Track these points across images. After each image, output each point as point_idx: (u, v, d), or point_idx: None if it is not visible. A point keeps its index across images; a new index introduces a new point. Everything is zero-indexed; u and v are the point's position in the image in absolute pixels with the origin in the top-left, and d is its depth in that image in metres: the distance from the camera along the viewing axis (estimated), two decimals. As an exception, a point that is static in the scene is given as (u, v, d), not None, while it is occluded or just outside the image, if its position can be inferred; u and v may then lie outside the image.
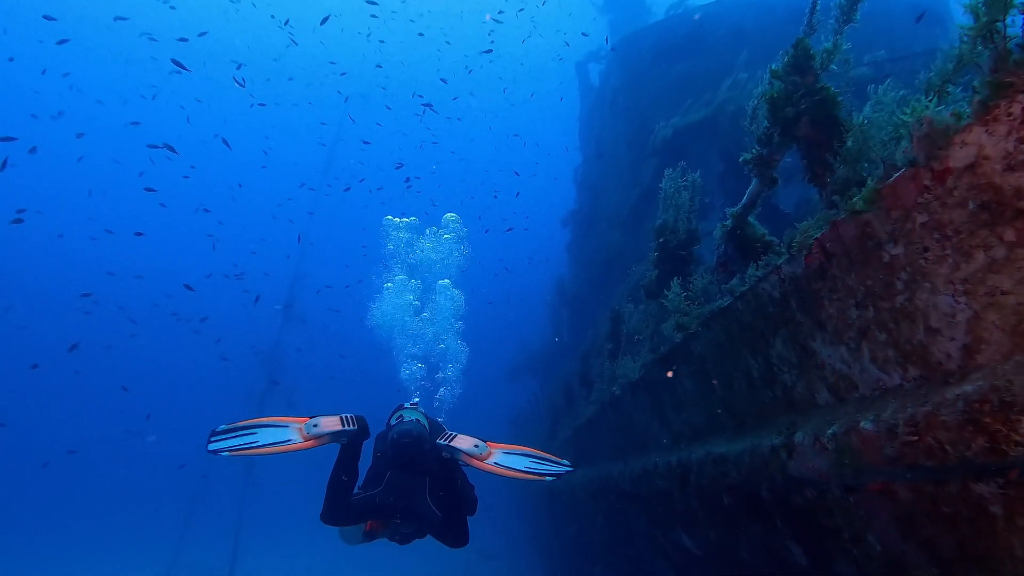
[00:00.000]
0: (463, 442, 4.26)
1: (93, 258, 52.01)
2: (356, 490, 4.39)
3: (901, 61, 11.04)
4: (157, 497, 38.69)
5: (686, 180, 6.29)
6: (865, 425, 2.69)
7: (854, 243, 2.73)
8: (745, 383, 3.99)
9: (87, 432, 49.92)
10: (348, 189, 31.96)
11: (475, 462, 4.22)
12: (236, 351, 46.14)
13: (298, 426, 4.06)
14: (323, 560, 25.91)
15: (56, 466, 45.06)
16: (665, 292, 5.00)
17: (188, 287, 23.48)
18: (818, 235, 2.95)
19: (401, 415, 4.88)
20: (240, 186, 39.76)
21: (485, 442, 4.31)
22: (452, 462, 4.55)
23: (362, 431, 4.24)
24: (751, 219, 4.09)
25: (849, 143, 3.00)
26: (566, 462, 4.26)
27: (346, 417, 4.17)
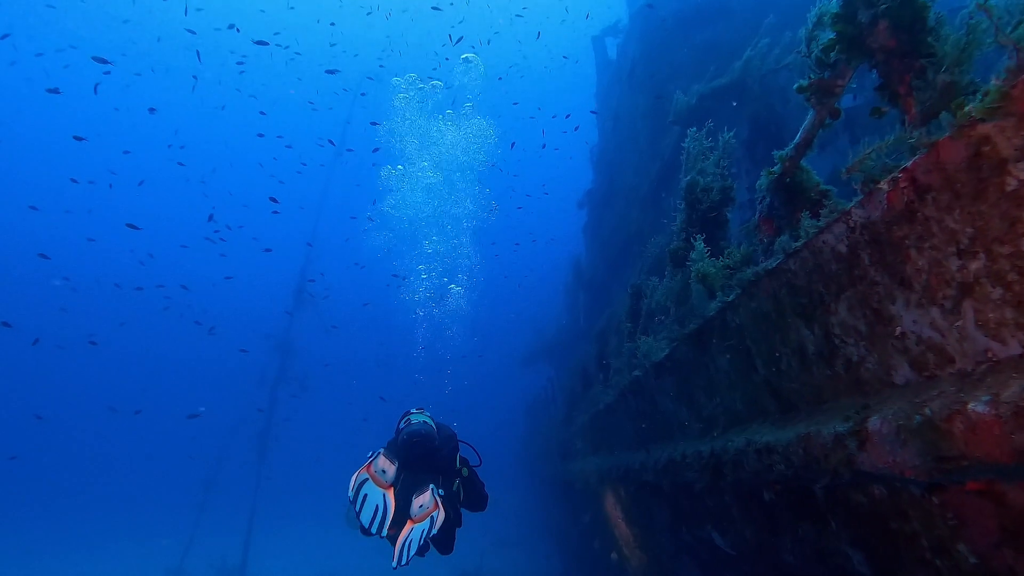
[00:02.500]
0: (414, 504, 4.56)
1: (74, 233, 51.89)
2: None
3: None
4: (171, 483, 38.85)
5: (715, 141, 5.61)
6: (976, 407, 2.05)
7: (962, 169, 2.07)
8: (796, 360, 3.35)
9: (83, 418, 50.17)
10: (331, 142, 30.62)
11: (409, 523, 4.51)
12: (234, 329, 46.00)
13: (372, 477, 4.60)
14: (337, 546, 25.72)
15: (59, 456, 45.36)
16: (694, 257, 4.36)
17: (132, 226, 22.99)
18: (906, 164, 2.29)
19: (409, 419, 5.21)
20: (261, 134, 38.69)
21: (437, 506, 4.54)
22: (462, 460, 5.22)
23: (403, 461, 4.83)
24: (804, 164, 3.42)
25: (947, 47, 2.33)
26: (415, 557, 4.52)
27: (386, 455, 4.72)
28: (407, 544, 4.42)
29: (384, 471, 4.62)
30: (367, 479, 4.58)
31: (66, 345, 43.79)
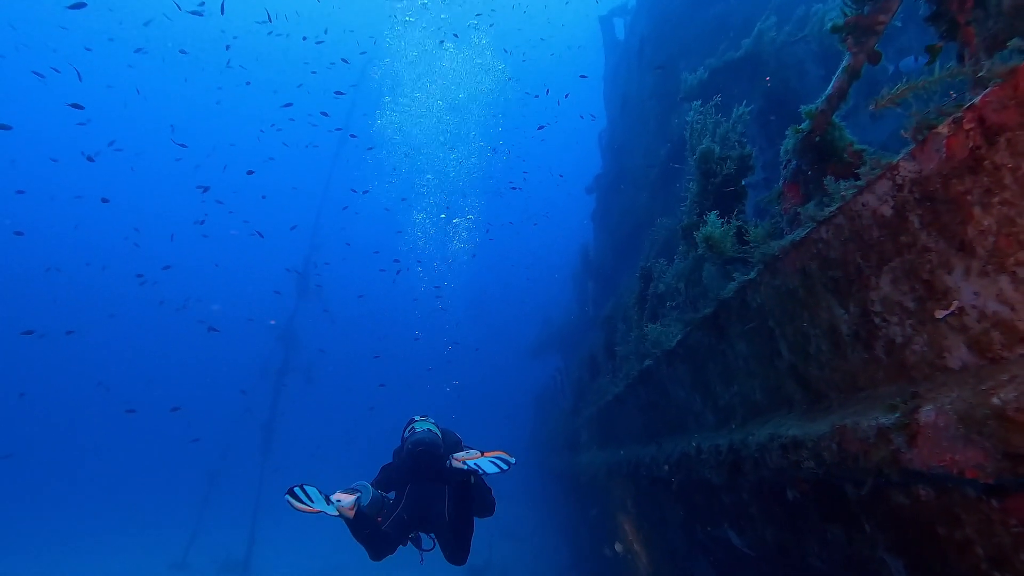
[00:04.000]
0: (458, 456, 4.73)
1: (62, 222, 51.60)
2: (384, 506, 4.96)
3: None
4: (174, 478, 38.87)
5: (726, 116, 5.17)
6: (1067, 395, 1.66)
7: (1050, 100, 1.68)
8: (827, 342, 2.96)
9: (79, 410, 50.11)
10: (324, 114, 29.96)
11: (459, 459, 4.67)
12: (234, 321, 45.78)
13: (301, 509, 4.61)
14: (342, 540, 25.58)
15: (63, 449, 45.26)
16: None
17: (104, 200, 23.11)
18: (973, 101, 1.89)
19: (413, 427, 5.21)
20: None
21: (481, 453, 4.75)
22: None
23: (410, 469, 5.01)
24: (837, 120, 3.01)
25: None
26: (513, 460, 4.75)
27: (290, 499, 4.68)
28: (468, 460, 4.61)
29: (304, 503, 4.60)
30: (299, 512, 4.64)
31: (52, 335, 43.67)
